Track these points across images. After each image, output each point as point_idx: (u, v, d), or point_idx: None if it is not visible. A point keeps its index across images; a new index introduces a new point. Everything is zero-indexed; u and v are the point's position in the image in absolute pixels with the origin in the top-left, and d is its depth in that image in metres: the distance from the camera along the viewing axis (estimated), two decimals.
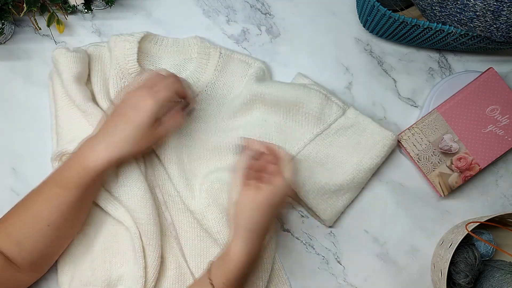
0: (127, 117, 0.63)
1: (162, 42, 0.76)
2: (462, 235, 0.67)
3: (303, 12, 0.79)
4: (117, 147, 0.63)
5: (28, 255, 0.63)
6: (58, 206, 0.62)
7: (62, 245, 0.68)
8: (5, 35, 0.75)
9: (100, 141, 0.63)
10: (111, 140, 0.63)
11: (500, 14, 0.62)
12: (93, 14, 0.78)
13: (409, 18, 0.67)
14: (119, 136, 0.63)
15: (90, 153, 0.63)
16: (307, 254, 0.75)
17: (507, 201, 0.77)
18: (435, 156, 0.74)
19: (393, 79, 0.79)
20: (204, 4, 0.79)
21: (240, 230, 0.60)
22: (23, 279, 0.64)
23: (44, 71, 0.76)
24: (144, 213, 0.68)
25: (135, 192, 0.68)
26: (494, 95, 0.74)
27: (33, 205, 0.63)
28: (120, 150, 0.63)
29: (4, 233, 0.62)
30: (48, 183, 0.64)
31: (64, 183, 0.63)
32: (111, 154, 0.62)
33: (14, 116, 0.76)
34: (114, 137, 0.63)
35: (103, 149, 0.62)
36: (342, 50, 0.79)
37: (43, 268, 0.67)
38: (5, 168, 0.75)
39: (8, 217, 0.64)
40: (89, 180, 0.62)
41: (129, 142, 0.63)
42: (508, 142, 0.74)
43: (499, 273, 0.71)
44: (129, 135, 0.63)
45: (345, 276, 0.75)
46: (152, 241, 0.68)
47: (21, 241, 0.62)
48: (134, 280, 0.67)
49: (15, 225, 0.63)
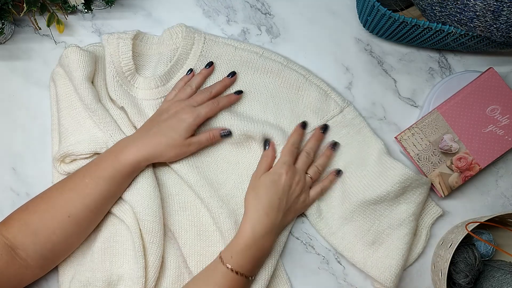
0: (165, 124, 0.68)
1: (152, 40, 0.76)
2: (462, 235, 0.67)
3: (303, 12, 0.79)
4: (148, 149, 0.66)
5: (41, 247, 0.63)
6: (83, 197, 0.64)
7: (74, 244, 0.68)
8: (5, 35, 0.75)
9: (135, 140, 0.67)
10: (145, 141, 0.67)
11: (500, 14, 0.62)
12: (93, 14, 0.78)
13: (409, 18, 0.67)
14: (152, 139, 0.67)
15: (123, 149, 0.66)
16: (307, 254, 0.75)
17: (507, 201, 0.77)
18: (435, 156, 0.74)
19: (393, 79, 0.79)
20: (204, 4, 0.79)
21: (248, 208, 0.67)
22: (27, 276, 0.64)
23: (44, 71, 0.76)
24: (150, 210, 0.68)
25: (143, 189, 0.68)
26: (494, 95, 0.74)
27: (59, 194, 0.65)
28: (151, 152, 0.66)
29: (23, 222, 0.63)
30: (78, 174, 0.66)
31: (96, 174, 0.65)
32: (141, 153, 0.66)
33: (14, 116, 0.76)
34: (147, 139, 0.67)
35: (135, 147, 0.66)
36: (342, 50, 0.79)
37: (49, 265, 0.67)
38: (5, 168, 0.75)
39: (29, 205, 0.65)
40: (118, 175, 0.65)
41: (161, 148, 0.67)
42: (508, 142, 0.74)
43: (499, 273, 0.71)
44: (161, 141, 0.67)
45: (345, 276, 0.75)
46: (155, 239, 0.68)
47: (38, 231, 0.62)
48: (134, 280, 0.67)
49: (35, 213, 0.63)
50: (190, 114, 0.68)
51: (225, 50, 0.76)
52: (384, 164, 0.72)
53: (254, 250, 0.65)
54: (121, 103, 0.72)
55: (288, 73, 0.75)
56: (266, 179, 0.68)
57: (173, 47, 0.76)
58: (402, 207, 0.72)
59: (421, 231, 0.74)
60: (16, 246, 0.62)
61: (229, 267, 0.63)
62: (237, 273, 0.63)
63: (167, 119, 0.68)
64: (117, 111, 0.72)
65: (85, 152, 0.70)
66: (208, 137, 0.71)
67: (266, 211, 0.66)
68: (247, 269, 0.64)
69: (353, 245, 0.72)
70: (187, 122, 0.68)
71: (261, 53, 0.76)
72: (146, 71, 0.76)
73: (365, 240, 0.72)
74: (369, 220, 0.72)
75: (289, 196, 0.68)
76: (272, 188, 0.67)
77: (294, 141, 0.71)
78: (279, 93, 0.75)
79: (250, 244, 0.64)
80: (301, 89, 0.75)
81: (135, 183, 0.69)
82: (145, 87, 0.74)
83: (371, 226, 0.72)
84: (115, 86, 0.72)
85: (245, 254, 0.64)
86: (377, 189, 0.71)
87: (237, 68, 0.75)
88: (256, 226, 0.65)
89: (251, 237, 0.64)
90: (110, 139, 0.70)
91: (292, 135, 0.72)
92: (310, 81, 0.75)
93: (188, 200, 0.72)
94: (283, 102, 0.75)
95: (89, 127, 0.71)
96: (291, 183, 0.68)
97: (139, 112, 0.73)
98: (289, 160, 0.70)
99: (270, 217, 0.66)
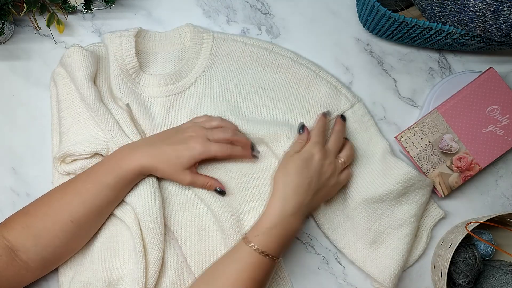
0: (173, 146, 0.67)
1: (155, 38, 0.76)
2: (462, 235, 0.67)
3: (303, 12, 0.79)
4: (152, 160, 0.66)
5: (42, 250, 0.63)
6: (85, 202, 0.64)
7: (76, 247, 0.68)
8: (5, 35, 0.75)
9: (141, 148, 0.67)
10: (151, 152, 0.66)
11: (500, 14, 0.62)
12: (93, 14, 0.78)
13: (409, 18, 0.67)
14: (157, 152, 0.66)
15: (128, 156, 0.66)
16: (307, 254, 0.75)
17: (507, 201, 0.77)
18: (435, 156, 0.74)
19: (393, 79, 0.79)
20: (204, 4, 0.79)
21: (277, 186, 0.65)
22: (27, 278, 0.64)
23: (44, 71, 0.76)
24: (151, 210, 0.68)
25: (145, 189, 0.68)
26: (494, 95, 0.74)
27: (60, 198, 0.64)
28: (153, 164, 0.66)
29: (24, 225, 0.63)
30: (80, 179, 0.66)
31: (98, 179, 0.65)
32: (146, 163, 0.65)
33: (14, 116, 0.76)
34: (153, 150, 0.66)
35: (141, 155, 0.66)
36: (342, 50, 0.79)
37: (50, 267, 0.67)
38: (5, 168, 0.75)
39: (30, 208, 0.65)
40: (120, 181, 0.65)
41: (160, 165, 0.66)
42: (508, 142, 0.74)
43: (499, 273, 0.71)
44: (162, 159, 0.66)
45: (345, 276, 0.75)
46: (156, 239, 0.68)
47: (39, 234, 0.62)
48: (135, 280, 0.67)
49: (36, 216, 0.63)
50: (200, 146, 0.67)
51: (234, 47, 0.76)
52: (388, 163, 0.72)
53: (280, 229, 0.62)
54: (126, 100, 0.72)
55: (298, 69, 0.75)
56: (298, 157, 0.66)
57: (181, 46, 0.76)
58: (404, 208, 0.72)
59: (422, 232, 0.74)
60: (17, 249, 0.62)
61: (254, 247, 0.61)
62: (262, 253, 0.61)
63: (178, 141, 0.67)
64: (119, 111, 0.72)
65: (85, 152, 0.70)
66: (203, 183, 0.70)
67: (295, 190, 0.64)
68: (273, 248, 0.61)
69: (353, 243, 0.73)
70: (193, 153, 0.67)
71: (270, 49, 0.76)
72: (151, 68, 0.76)
73: (365, 238, 0.72)
74: (371, 218, 0.72)
75: (319, 176, 0.66)
76: (303, 167, 0.65)
77: (322, 124, 0.70)
78: (289, 89, 0.75)
79: (277, 222, 0.62)
80: (311, 85, 0.75)
81: (137, 184, 0.69)
82: (153, 85, 0.74)
83: (372, 225, 0.72)
84: (120, 84, 0.72)
85: (271, 233, 0.62)
86: (380, 188, 0.71)
87: (247, 64, 0.75)
88: (285, 204, 0.63)
89: (279, 215, 0.62)
90: (111, 140, 0.70)
91: (318, 121, 0.71)
92: (320, 76, 0.75)
93: (188, 200, 0.72)
94: (293, 98, 0.75)
95: (90, 127, 0.71)
96: (323, 164, 0.66)
97: (145, 110, 0.73)
98: (321, 140, 0.68)
99: (299, 196, 0.64)
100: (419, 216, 0.73)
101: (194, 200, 0.72)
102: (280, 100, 0.75)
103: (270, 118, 0.74)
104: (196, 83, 0.75)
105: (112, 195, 0.65)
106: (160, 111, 0.74)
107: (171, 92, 0.74)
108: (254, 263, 0.60)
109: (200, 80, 0.75)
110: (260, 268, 0.61)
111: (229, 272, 0.60)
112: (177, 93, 0.74)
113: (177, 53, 0.76)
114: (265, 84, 0.75)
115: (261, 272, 0.61)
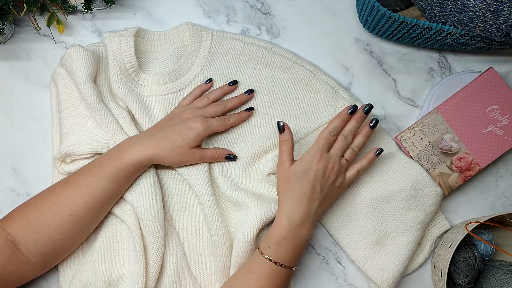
0: (174, 129, 0.68)
1: (154, 37, 0.76)
2: (462, 235, 0.67)
3: (303, 12, 0.79)
4: (152, 150, 0.66)
5: (42, 245, 0.63)
6: (85, 195, 0.64)
7: (75, 242, 0.68)
8: (5, 35, 0.75)
9: (140, 140, 0.67)
10: (151, 142, 0.67)
11: (500, 14, 0.62)
12: (93, 14, 0.78)
13: (409, 18, 0.67)
14: (158, 141, 0.67)
15: (128, 148, 0.66)
16: (307, 254, 0.75)
17: (507, 201, 0.77)
18: (435, 156, 0.74)
19: (393, 79, 0.79)
20: (204, 4, 0.79)
21: (281, 199, 0.66)
22: (27, 273, 0.64)
23: (44, 71, 0.76)
24: (152, 210, 0.68)
25: (145, 189, 0.68)
26: (494, 95, 0.74)
27: (61, 192, 0.65)
28: (154, 154, 0.66)
29: (25, 218, 0.63)
30: (81, 172, 0.66)
31: (98, 172, 0.65)
32: (145, 153, 0.66)
33: (14, 116, 0.76)
34: (153, 140, 0.67)
35: (140, 146, 0.66)
36: (342, 50, 0.79)
37: (50, 263, 0.67)
38: (5, 168, 0.75)
39: (31, 202, 0.65)
40: (120, 174, 0.65)
41: (165, 151, 0.67)
42: (508, 142, 0.74)
43: (499, 273, 0.71)
44: (167, 145, 0.67)
45: (345, 276, 0.75)
46: (157, 239, 0.68)
47: (39, 228, 0.63)
48: (135, 280, 0.67)
49: (37, 210, 0.63)
50: (200, 124, 0.68)
51: (234, 45, 0.76)
52: (400, 162, 0.73)
53: (291, 240, 0.64)
54: (126, 100, 0.72)
55: (296, 69, 0.75)
56: (297, 168, 0.66)
57: (180, 45, 0.76)
58: (412, 213, 0.72)
59: (425, 242, 0.74)
60: (18, 242, 0.62)
61: (268, 258, 0.63)
62: (276, 263, 0.63)
63: (177, 124, 0.68)
64: (119, 110, 0.72)
65: (86, 152, 0.70)
66: (213, 155, 0.71)
67: (299, 201, 0.64)
68: (286, 258, 0.63)
69: (356, 242, 0.73)
70: (196, 131, 0.68)
71: (269, 48, 0.76)
72: (150, 67, 0.76)
73: (369, 239, 0.72)
74: (377, 219, 0.72)
75: (323, 184, 0.66)
76: (303, 178, 0.65)
77: (333, 127, 0.68)
78: (287, 89, 0.75)
79: (286, 234, 0.63)
80: (309, 85, 0.75)
81: (137, 183, 0.69)
82: (152, 83, 0.74)
83: (378, 226, 0.72)
84: (119, 83, 0.72)
85: (282, 244, 0.63)
86: (391, 186, 0.72)
87: (246, 62, 0.75)
88: (291, 216, 0.64)
89: (286, 227, 0.64)
90: (111, 139, 0.70)
91: (334, 120, 0.69)
92: (318, 77, 0.75)
93: (188, 200, 0.72)
94: (291, 98, 0.75)
95: (90, 127, 0.71)
96: (325, 170, 0.66)
97: (145, 109, 0.73)
98: (323, 147, 0.67)
99: (304, 206, 0.64)
100: (426, 224, 0.73)
101: (194, 200, 0.72)
102: (278, 99, 0.75)
103: (267, 117, 0.74)
104: (195, 81, 0.75)
105: (112, 188, 0.66)
106: (160, 110, 0.74)
107: (170, 90, 0.74)
108: (270, 273, 0.62)
109: (199, 78, 0.75)
110: (277, 278, 0.63)
111: (247, 282, 0.63)
112: (176, 91, 0.74)
113: (176, 51, 0.76)
114: (263, 83, 0.75)
115: (278, 281, 0.63)
